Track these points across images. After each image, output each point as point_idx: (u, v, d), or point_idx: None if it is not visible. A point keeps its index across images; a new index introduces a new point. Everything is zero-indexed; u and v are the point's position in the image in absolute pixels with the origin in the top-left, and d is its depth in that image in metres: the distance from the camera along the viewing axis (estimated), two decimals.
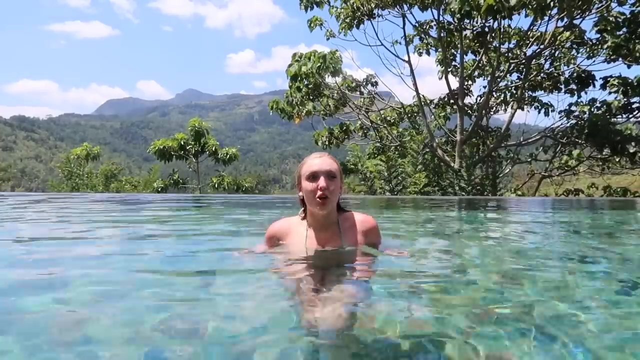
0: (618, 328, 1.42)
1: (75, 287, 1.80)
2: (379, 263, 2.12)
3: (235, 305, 1.59)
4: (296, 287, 1.77)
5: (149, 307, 1.53)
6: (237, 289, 1.77)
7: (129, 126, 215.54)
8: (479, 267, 2.40)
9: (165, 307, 1.52)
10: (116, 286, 1.81)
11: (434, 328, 1.37)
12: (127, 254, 2.64)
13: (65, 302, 1.58)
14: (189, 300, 1.62)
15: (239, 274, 2.04)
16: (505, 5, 10.28)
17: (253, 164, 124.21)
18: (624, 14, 12.31)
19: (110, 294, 1.69)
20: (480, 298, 1.71)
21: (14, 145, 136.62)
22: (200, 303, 1.60)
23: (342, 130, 15.89)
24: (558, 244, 3.37)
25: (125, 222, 4.44)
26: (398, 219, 5.14)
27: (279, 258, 2.13)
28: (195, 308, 1.53)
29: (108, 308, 1.53)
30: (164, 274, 2.06)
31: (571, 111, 13.50)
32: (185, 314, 1.47)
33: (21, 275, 1.98)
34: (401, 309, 1.55)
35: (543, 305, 1.61)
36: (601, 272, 2.30)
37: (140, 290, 1.74)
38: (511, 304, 1.63)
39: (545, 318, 1.46)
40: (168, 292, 1.72)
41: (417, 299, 1.69)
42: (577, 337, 1.32)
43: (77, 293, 1.72)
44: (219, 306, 1.57)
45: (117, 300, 1.62)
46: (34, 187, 44.71)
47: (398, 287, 1.83)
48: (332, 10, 13.86)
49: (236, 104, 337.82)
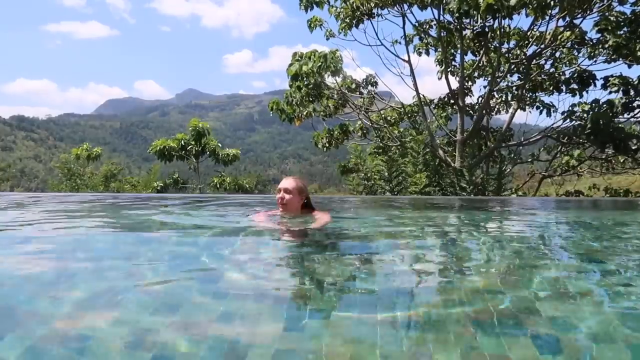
0: (618, 328, 1.41)
1: (75, 287, 1.78)
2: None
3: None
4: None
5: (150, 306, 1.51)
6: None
7: (129, 126, 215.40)
8: (479, 267, 2.39)
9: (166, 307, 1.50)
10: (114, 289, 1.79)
11: (434, 328, 1.36)
12: (127, 254, 2.63)
13: (64, 301, 1.57)
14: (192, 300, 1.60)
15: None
16: (505, 4, 10.25)
17: (253, 164, 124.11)
18: (624, 14, 12.30)
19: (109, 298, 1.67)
20: (480, 298, 1.70)
21: (14, 145, 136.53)
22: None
23: (342, 131, 15.88)
24: (559, 244, 3.36)
25: (125, 222, 4.43)
26: (398, 219, 5.13)
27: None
28: (196, 308, 1.52)
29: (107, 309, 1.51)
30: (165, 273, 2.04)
31: (573, 111, 13.49)
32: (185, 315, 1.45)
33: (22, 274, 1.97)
34: (401, 310, 1.54)
35: (543, 306, 1.60)
36: (602, 272, 2.29)
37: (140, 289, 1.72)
38: (511, 304, 1.62)
39: (545, 318, 1.45)
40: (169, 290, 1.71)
41: (418, 300, 1.68)
42: (578, 337, 1.31)
43: (77, 293, 1.71)
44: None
45: (116, 302, 1.61)
46: (33, 187, 44.74)
47: (398, 287, 1.82)
48: (332, 10, 13.84)
49: (236, 104, 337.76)
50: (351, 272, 2.07)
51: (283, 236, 3.29)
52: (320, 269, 2.14)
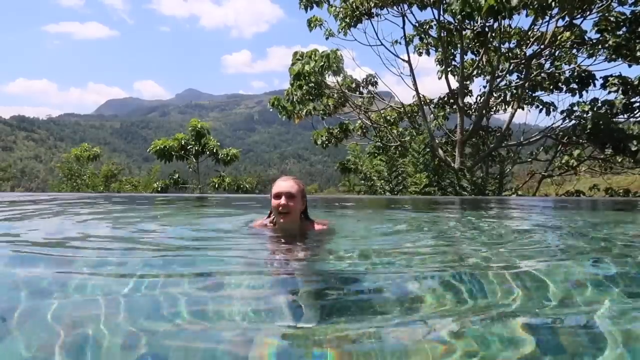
0: (619, 328, 1.41)
1: (75, 288, 1.79)
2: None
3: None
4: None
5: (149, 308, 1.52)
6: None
7: (129, 126, 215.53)
8: (480, 267, 2.39)
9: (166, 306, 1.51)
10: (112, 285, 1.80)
11: (434, 328, 1.37)
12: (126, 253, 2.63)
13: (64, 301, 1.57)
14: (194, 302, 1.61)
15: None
16: (506, 5, 10.25)
17: (253, 164, 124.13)
18: (624, 14, 12.31)
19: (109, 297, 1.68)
20: (480, 298, 1.70)
21: (14, 145, 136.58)
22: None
23: (342, 130, 15.90)
24: (559, 244, 3.36)
25: (125, 223, 4.43)
26: (399, 219, 5.14)
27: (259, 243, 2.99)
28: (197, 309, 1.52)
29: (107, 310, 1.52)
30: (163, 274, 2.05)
31: (572, 111, 13.49)
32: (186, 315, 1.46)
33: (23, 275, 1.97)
34: (402, 310, 1.54)
35: (543, 305, 1.60)
36: (603, 272, 2.29)
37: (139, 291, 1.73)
38: (511, 304, 1.62)
39: (546, 318, 1.45)
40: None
41: (418, 300, 1.68)
42: (579, 337, 1.31)
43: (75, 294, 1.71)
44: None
45: (116, 303, 1.61)
46: (33, 187, 44.71)
47: (398, 288, 1.83)
48: (332, 10, 13.84)
49: (236, 104, 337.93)
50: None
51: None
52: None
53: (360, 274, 2.09)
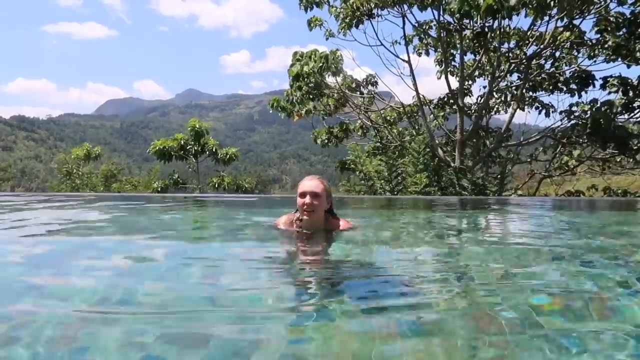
0: (619, 328, 1.42)
1: (75, 290, 1.79)
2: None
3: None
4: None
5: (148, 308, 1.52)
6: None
7: (129, 126, 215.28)
8: (480, 267, 2.40)
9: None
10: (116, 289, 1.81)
11: (434, 328, 1.37)
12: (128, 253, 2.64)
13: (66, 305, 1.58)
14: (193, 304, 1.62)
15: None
16: (505, 5, 10.25)
17: (253, 164, 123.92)
18: (623, 14, 12.30)
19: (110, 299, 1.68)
20: (480, 299, 1.71)
21: (14, 145, 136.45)
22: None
23: (342, 130, 15.89)
24: (560, 244, 3.36)
25: (125, 223, 4.44)
26: (399, 219, 5.14)
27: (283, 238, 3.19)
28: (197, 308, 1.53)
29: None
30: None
31: (572, 111, 13.48)
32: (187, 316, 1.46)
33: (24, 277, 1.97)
34: (402, 311, 1.55)
35: (543, 306, 1.61)
36: (604, 272, 2.30)
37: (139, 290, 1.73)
38: (512, 304, 1.63)
39: (546, 319, 1.46)
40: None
41: (418, 300, 1.69)
42: (578, 337, 1.31)
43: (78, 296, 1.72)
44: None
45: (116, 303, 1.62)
46: (33, 187, 44.69)
47: (399, 288, 1.83)
48: (332, 10, 13.82)
49: (236, 104, 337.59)
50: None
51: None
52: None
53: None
